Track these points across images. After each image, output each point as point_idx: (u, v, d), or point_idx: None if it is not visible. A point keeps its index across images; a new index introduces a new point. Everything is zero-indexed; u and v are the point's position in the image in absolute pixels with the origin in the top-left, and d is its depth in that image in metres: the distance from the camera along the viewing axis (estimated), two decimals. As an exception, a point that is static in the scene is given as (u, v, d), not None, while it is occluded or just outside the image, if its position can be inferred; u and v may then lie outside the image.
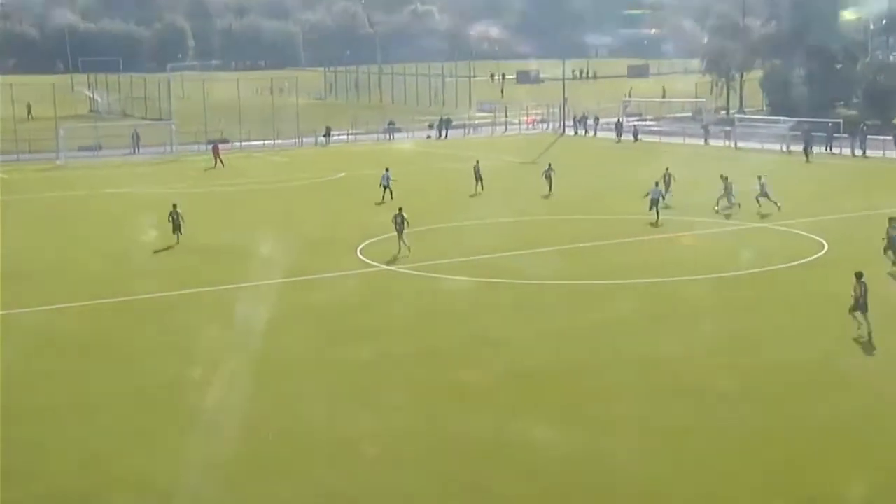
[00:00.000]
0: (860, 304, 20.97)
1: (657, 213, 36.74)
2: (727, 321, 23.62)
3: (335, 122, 77.43)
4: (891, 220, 27.84)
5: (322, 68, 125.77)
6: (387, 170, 44.23)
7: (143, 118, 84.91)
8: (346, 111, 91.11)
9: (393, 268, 30.72)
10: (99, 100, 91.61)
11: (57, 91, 70.66)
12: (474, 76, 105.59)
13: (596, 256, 32.60)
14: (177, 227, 34.82)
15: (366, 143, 75.63)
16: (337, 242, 34.48)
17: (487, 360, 21.53)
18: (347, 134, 77.66)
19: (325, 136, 74.55)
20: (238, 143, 71.36)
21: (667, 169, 41.71)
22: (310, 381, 19.95)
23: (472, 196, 46.38)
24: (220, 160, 58.23)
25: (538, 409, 18.64)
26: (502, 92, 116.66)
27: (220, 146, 64.92)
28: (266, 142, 72.38)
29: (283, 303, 26.19)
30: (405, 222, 32.06)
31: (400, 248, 31.92)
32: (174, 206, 35.19)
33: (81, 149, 67.17)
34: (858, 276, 21.31)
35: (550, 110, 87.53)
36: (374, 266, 30.87)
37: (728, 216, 37.75)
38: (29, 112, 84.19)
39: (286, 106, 78.41)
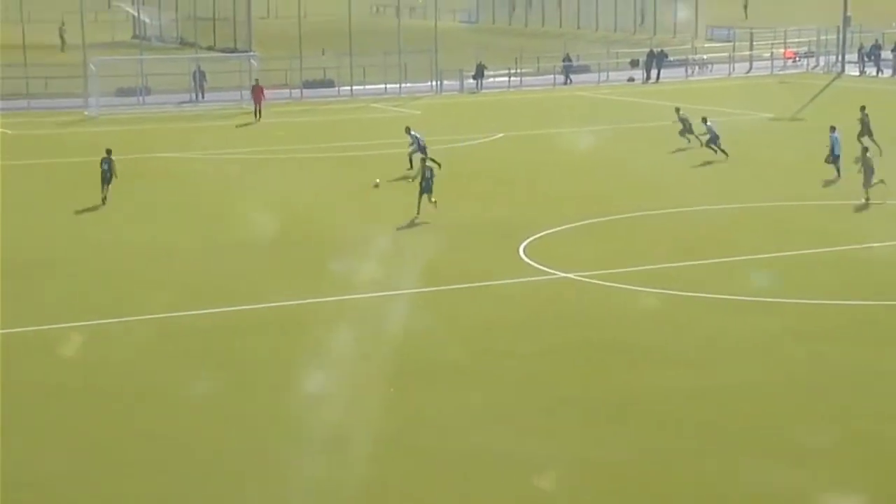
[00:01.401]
0: None
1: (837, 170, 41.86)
2: None
3: (490, 58, 78.39)
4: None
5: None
6: (408, 131, 45.53)
7: (211, 48, 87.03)
8: (507, 41, 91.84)
9: (571, 275, 31.37)
10: (147, 20, 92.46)
11: (88, 7, 72.33)
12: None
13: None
14: (106, 181, 40.17)
15: (535, 88, 76.53)
16: (487, 234, 35.48)
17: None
18: (508, 75, 78.50)
19: (475, 77, 75.63)
20: (348, 88, 72.66)
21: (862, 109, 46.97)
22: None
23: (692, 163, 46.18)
24: (259, 111, 60.59)
25: None
26: (745, 9, 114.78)
27: (304, 90, 67.05)
28: (389, 86, 73.46)
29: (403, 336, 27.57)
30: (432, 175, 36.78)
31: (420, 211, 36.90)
32: (108, 151, 40.64)
33: (120, 92, 68.99)
34: None
35: (823, 37, 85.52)
36: (546, 272, 31.67)
37: None
38: (62, 39, 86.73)
39: (419, 32, 79.88)
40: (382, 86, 73.13)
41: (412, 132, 45.30)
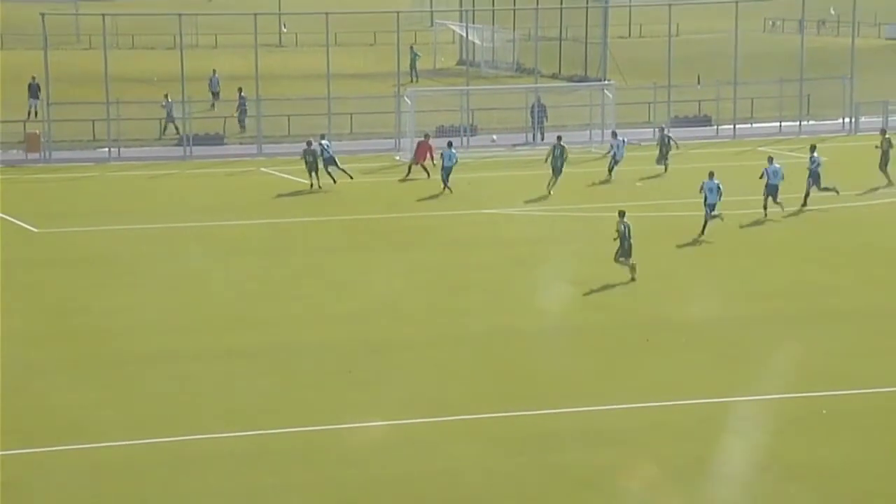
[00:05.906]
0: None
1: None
2: None
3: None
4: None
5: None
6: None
7: (556, 76, 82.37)
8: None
9: None
10: (477, 42, 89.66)
11: (405, 25, 69.33)
12: None
13: None
14: (312, 168, 49.03)
15: None
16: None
17: None
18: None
19: (908, 112, 68.65)
20: (729, 127, 67.15)
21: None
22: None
23: None
24: (424, 168, 55.56)
25: None
26: None
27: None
28: (785, 124, 67.90)
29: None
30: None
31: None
32: (308, 143, 49.99)
33: (441, 132, 64.15)
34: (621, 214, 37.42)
35: None
36: None
37: None
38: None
39: (831, 53, 76.08)
40: (776, 124, 67.82)
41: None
